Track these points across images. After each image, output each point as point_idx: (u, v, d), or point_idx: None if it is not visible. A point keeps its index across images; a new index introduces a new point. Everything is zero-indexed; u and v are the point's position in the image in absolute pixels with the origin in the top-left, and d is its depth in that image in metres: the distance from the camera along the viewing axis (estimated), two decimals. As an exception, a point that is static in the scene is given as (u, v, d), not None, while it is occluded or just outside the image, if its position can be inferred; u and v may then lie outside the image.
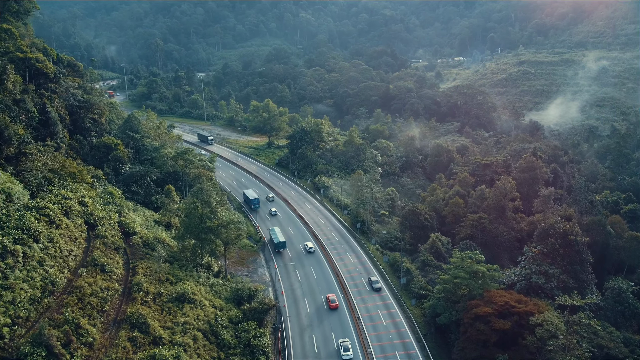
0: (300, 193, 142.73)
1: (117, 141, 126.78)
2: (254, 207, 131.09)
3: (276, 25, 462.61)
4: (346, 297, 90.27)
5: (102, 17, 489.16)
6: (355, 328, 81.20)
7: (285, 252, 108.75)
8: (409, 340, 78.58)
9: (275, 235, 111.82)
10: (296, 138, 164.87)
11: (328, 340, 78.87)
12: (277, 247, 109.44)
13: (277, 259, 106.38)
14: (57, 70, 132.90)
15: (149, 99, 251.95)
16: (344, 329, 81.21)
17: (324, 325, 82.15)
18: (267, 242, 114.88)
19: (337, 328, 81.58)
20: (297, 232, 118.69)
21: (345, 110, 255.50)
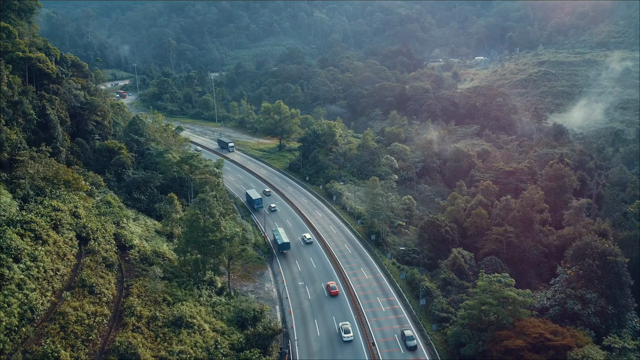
0: (311, 200, 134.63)
1: (120, 145, 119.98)
2: (257, 207, 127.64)
3: (290, 25, 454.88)
4: (360, 321, 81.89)
5: (117, 16, 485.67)
6: (371, 358, 72.82)
7: (295, 265, 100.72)
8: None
9: (279, 236, 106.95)
10: (308, 141, 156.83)
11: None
12: (280, 248, 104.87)
13: (283, 268, 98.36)
14: (60, 71, 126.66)
15: (160, 99, 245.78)
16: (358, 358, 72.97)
17: (336, 355, 73.77)
18: (271, 243, 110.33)
19: (350, 357, 73.31)
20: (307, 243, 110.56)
21: (360, 111, 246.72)
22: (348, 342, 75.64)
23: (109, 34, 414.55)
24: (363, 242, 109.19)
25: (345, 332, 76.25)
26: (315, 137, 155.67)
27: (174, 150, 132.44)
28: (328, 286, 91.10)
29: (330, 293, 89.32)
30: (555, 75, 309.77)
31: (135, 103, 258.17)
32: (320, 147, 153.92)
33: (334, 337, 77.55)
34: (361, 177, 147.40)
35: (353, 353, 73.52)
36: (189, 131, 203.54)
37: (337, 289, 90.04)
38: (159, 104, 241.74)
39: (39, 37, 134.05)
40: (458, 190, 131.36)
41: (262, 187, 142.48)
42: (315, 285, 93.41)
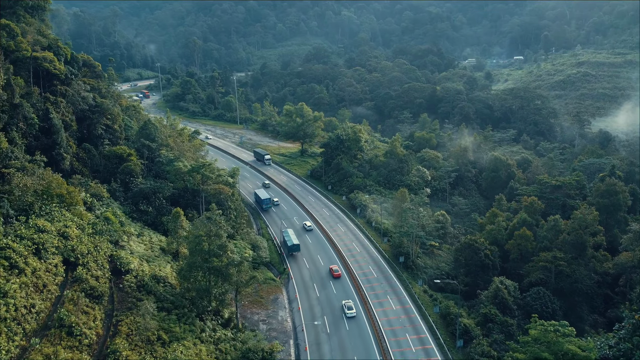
0: (333, 212, 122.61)
1: (129, 151, 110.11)
2: (265, 207, 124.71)
3: (317, 24, 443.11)
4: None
5: (145, 15, 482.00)
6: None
7: (313, 290, 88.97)
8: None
9: (289, 237, 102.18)
10: (331, 147, 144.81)
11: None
12: (290, 249, 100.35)
13: (300, 291, 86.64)
14: (69, 71, 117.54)
15: (183, 100, 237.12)
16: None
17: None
18: (280, 244, 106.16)
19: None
20: (327, 262, 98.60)
21: (387, 113, 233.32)
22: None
23: (136, 33, 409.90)
24: (390, 264, 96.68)
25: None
26: (339, 142, 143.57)
27: (189, 157, 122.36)
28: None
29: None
30: (595, 77, 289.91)
31: (158, 103, 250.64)
32: (344, 153, 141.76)
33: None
34: (388, 186, 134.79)
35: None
36: (210, 134, 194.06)
37: (359, 322, 78.14)
38: (181, 105, 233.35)
39: (50, 35, 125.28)
40: (497, 204, 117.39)
41: (281, 197, 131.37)
42: (335, 315, 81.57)
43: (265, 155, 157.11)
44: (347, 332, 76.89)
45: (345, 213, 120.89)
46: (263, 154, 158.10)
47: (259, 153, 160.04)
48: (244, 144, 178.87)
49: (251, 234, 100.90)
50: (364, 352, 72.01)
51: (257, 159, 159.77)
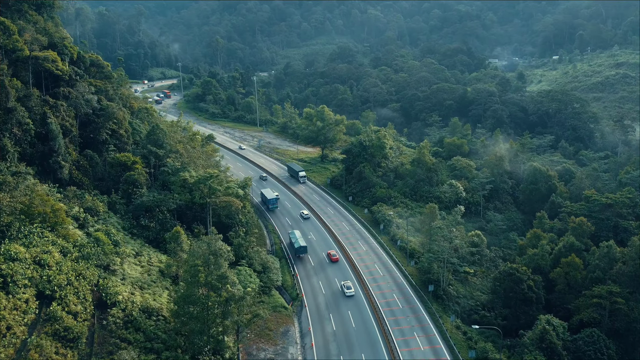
0: (354, 226, 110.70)
1: (134, 158, 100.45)
2: (272, 207, 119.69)
3: (343, 23, 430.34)
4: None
5: (171, 14, 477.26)
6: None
7: (329, 321, 77.46)
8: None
9: (296, 239, 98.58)
10: (352, 153, 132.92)
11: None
12: (297, 252, 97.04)
13: (313, 323, 75.14)
14: (74, 72, 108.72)
15: (203, 101, 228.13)
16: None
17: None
18: (287, 246, 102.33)
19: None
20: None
21: (414, 115, 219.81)
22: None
23: (161, 32, 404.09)
24: (417, 292, 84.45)
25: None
26: (362, 149, 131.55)
27: (200, 165, 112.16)
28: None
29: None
30: (635, 79, 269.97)
31: (179, 104, 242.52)
32: (366, 161, 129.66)
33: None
34: (415, 198, 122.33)
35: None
36: (228, 136, 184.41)
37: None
38: (201, 106, 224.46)
39: (56, 33, 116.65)
40: (538, 223, 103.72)
41: (298, 207, 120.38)
42: (353, 354, 69.97)
43: (300, 172, 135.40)
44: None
45: (367, 228, 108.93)
46: (297, 169, 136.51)
47: (292, 169, 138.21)
48: (262, 148, 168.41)
49: (262, 253, 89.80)
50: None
51: (290, 175, 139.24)
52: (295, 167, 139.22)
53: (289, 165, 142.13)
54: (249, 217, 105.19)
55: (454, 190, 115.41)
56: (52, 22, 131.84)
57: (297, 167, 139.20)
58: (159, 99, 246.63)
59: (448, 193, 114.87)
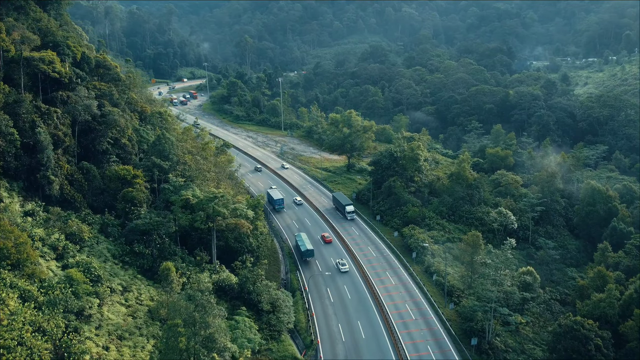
0: (382, 252, 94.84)
1: (135, 172, 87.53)
2: (278, 207, 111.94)
3: (376, 21, 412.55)
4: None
5: (204, 14, 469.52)
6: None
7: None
8: None
9: (302, 242, 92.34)
10: (381, 165, 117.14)
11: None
12: (304, 255, 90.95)
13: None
14: (76, 74, 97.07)
15: (228, 102, 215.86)
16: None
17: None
18: (293, 249, 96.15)
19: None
20: (371, 333, 71.82)
21: (450, 120, 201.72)
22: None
23: (191, 32, 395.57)
24: (456, 344, 68.42)
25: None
26: (392, 160, 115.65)
27: (210, 179, 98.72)
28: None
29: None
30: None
31: (204, 105, 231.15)
32: (397, 174, 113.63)
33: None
34: (453, 219, 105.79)
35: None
36: (250, 141, 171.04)
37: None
38: (225, 108, 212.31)
39: (58, 32, 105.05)
40: (600, 256, 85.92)
41: (320, 226, 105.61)
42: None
43: (348, 205, 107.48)
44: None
45: (396, 256, 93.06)
46: (345, 203, 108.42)
47: (338, 200, 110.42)
48: (285, 155, 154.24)
49: (272, 288, 75.06)
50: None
51: (335, 207, 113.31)
52: (341, 198, 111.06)
53: (334, 195, 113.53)
54: (261, 240, 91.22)
55: (503, 221, 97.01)
56: (61, 20, 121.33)
57: (344, 198, 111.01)
58: (184, 100, 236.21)
59: (496, 222, 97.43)
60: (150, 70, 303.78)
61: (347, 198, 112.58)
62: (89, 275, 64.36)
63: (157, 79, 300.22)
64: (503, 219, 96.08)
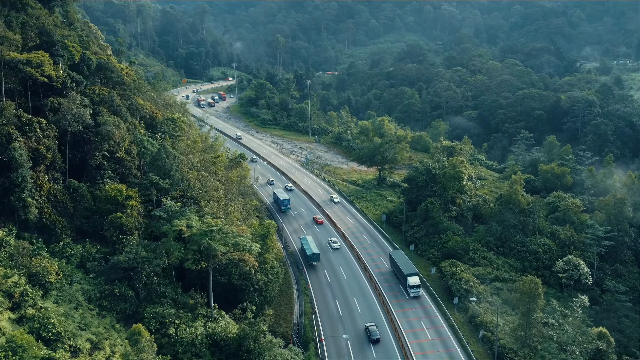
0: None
1: (128, 192, 73.83)
2: (284, 208, 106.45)
3: (414, 20, 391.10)
4: None
5: (239, 12, 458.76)
6: None
7: None
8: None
9: (308, 245, 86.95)
10: (417, 183, 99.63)
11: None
12: (309, 259, 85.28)
13: None
14: (71, 78, 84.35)
15: (255, 105, 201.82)
16: None
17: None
18: (298, 252, 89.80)
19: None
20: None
21: (494, 126, 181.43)
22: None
23: (225, 31, 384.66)
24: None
25: None
26: (429, 178, 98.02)
27: (217, 200, 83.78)
28: None
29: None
30: None
31: (232, 107, 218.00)
32: (435, 195, 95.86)
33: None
34: (502, 252, 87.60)
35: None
36: (275, 147, 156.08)
37: None
38: (252, 111, 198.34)
39: (57, 31, 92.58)
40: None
41: (342, 251, 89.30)
42: None
43: (411, 275, 76.22)
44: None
45: (434, 299, 75.57)
46: (406, 272, 76.60)
47: (397, 265, 79.09)
48: (310, 164, 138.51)
49: (276, 348, 59.25)
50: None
51: (393, 271, 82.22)
52: (402, 261, 79.23)
53: (393, 255, 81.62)
54: (272, 274, 75.71)
55: (573, 274, 76.97)
56: (69, 17, 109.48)
57: (407, 265, 78.30)
58: (212, 101, 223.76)
59: (564, 274, 78.24)
60: (182, 70, 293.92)
61: (410, 263, 79.13)
62: (46, 332, 50.66)
63: (188, 79, 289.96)
64: (573, 271, 76.79)
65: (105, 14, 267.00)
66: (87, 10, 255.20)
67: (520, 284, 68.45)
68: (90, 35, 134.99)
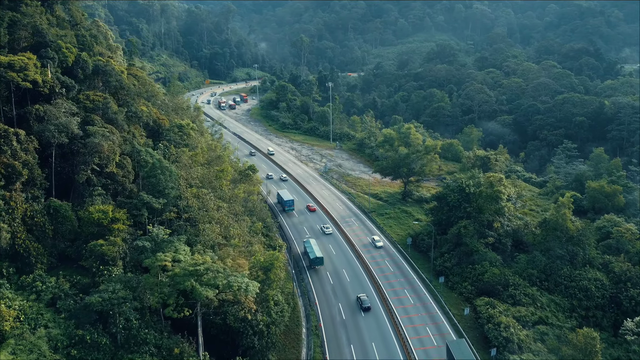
0: (445, 338, 64.90)
1: (115, 214, 63.52)
2: (288, 209, 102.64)
3: (444, 19, 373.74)
4: None
5: (266, 12, 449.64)
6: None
7: None
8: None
9: (311, 249, 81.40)
10: (447, 203, 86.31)
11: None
12: (312, 263, 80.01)
13: None
14: (61, 83, 74.95)
15: (276, 108, 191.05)
16: None
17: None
18: (301, 255, 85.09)
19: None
20: None
21: (531, 133, 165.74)
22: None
23: (250, 30, 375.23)
24: None
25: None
26: (462, 197, 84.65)
27: (218, 220, 72.65)
28: None
29: None
30: None
31: (253, 110, 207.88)
32: (469, 217, 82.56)
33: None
34: (547, 287, 73.86)
35: None
36: (293, 154, 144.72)
37: None
38: (272, 114, 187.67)
39: (50, 30, 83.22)
40: None
41: (362, 285, 77.04)
42: None
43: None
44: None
45: (470, 350, 62.83)
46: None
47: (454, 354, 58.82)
48: (330, 173, 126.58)
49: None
50: None
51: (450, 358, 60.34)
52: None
53: (450, 347, 59.62)
54: (277, 311, 64.06)
55: None
56: (72, 17, 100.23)
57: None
58: (233, 103, 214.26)
59: (631, 336, 63.85)
60: (205, 71, 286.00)
61: (467, 351, 59.02)
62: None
63: (212, 79, 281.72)
64: None
65: (128, 13, 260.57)
66: (110, 10, 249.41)
67: (573, 337, 54.99)
68: (100, 35, 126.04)
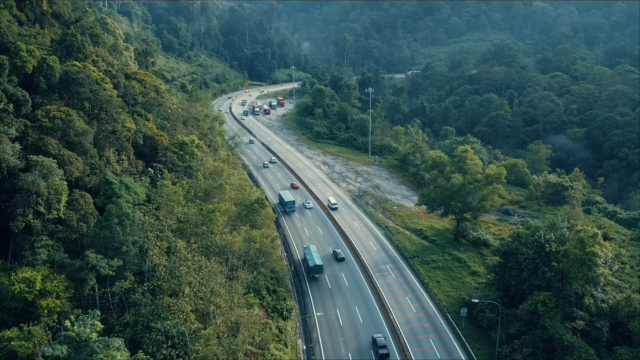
0: None
1: (45, 285, 43.95)
2: (289, 210, 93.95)
3: (501, 17, 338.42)
4: None
5: (313, 11, 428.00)
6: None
7: None
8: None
9: (311, 256, 72.11)
10: (518, 263, 60.95)
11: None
12: (312, 271, 70.77)
13: None
14: (8, 97, 56.82)
15: (311, 114, 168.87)
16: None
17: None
18: (300, 262, 74.99)
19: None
20: None
21: (608, 150, 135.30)
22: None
23: (294, 30, 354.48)
24: None
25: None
26: (539, 257, 58.97)
27: (192, 294, 51.10)
28: None
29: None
30: None
31: (287, 115, 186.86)
32: (549, 287, 56.99)
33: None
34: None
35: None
36: (324, 171, 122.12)
37: None
38: (307, 121, 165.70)
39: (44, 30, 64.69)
40: None
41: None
42: None
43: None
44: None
45: None
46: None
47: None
48: (364, 197, 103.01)
49: None
50: None
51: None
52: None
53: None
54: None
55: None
56: (58, 11, 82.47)
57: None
58: (268, 108, 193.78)
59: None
60: (245, 72, 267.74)
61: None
62: None
63: (251, 81, 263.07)
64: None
65: (168, 12, 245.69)
66: (149, 8, 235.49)
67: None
68: (108, 33, 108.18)
